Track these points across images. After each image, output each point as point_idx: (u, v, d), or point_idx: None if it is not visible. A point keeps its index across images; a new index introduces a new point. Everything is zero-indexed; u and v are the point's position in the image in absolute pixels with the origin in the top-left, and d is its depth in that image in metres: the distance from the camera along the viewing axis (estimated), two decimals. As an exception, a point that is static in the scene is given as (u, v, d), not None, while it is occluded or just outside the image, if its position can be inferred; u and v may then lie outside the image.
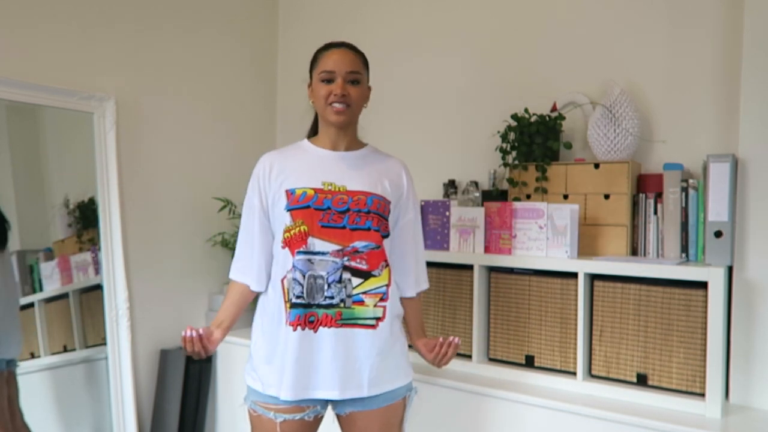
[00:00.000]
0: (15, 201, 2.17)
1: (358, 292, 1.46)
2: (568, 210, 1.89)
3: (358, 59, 1.55)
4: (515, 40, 2.37)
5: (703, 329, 1.68)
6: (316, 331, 1.43)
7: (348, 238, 1.45)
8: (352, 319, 1.45)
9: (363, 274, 1.46)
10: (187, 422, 2.50)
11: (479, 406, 1.90)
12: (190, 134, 2.69)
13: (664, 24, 2.05)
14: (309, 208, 1.45)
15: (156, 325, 2.56)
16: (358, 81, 1.52)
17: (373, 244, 1.47)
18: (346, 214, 1.46)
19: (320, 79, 1.51)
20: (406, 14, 2.67)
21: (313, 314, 1.43)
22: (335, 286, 1.43)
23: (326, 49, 1.55)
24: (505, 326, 2.01)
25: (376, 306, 1.47)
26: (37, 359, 2.18)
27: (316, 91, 1.53)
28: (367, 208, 1.47)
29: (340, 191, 1.48)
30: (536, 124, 2.10)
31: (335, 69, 1.50)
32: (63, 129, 2.30)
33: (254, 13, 2.97)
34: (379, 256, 1.49)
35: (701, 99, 1.99)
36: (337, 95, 1.48)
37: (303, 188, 1.48)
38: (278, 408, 1.46)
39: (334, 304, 1.43)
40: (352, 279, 1.45)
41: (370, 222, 1.47)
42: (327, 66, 1.51)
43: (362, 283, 1.46)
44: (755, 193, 1.75)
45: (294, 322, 1.43)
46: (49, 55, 2.22)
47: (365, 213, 1.47)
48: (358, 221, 1.46)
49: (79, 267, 2.31)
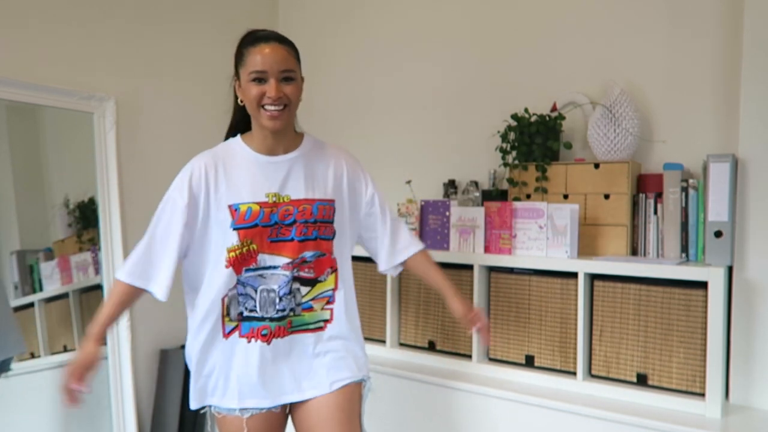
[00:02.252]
0: (15, 201, 2.17)
1: (307, 299, 1.46)
2: (568, 210, 1.89)
3: (291, 54, 1.42)
4: (515, 40, 2.37)
5: (703, 329, 1.68)
6: (269, 343, 1.43)
7: (297, 250, 1.43)
8: (301, 325, 1.46)
9: (310, 282, 1.46)
10: (187, 422, 2.50)
11: (479, 406, 1.90)
12: (190, 134, 2.69)
13: (664, 24, 2.05)
14: (257, 227, 1.40)
15: (156, 325, 2.56)
16: (293, 78, 1.41)
17: (319, 252, 1.46)
18: (294, 226, 1.43)
19: (250, 79, 1.38)
20: (405, 13, 2.67)
21: (266, 327, 1.43)
22: (286, 298, 1.43)
23: (253, 44, 1.39)
24: (505, 326, 2.01)
25: (323, 309, 1.49)
26: (37, 359, 2.18)
27: (246, 92, 1.40)
28: (314, 217, 1.45)
29: (284, 202, 1.43)
30: (536, 124, 2.10)
31: (266, 69, 1.37)
32: (63, 129, 2.30)
33: (254, 13, 2.97)
34: (325, 263, 1.48)
35: (701, 99, 1.99)
36: (271, 97, 1.37)
37: (248, 204, 1.41)
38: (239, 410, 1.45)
39: (285, 316, 1.44)
40: (301, 288, 1.45)
41: (317, 231, 1.45)
42: (256, 65, 1.37)
43: (310, 291, 1.46)
44: (755, 193, 1.75)
45: (248, 335, 1.43)
46: (49, 55, 2.22)
47: (312, 223, 1.44)
48: (305, 232, 1.44)
49: (79, 267, 2.31)
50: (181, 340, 2.65)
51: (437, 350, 2.15)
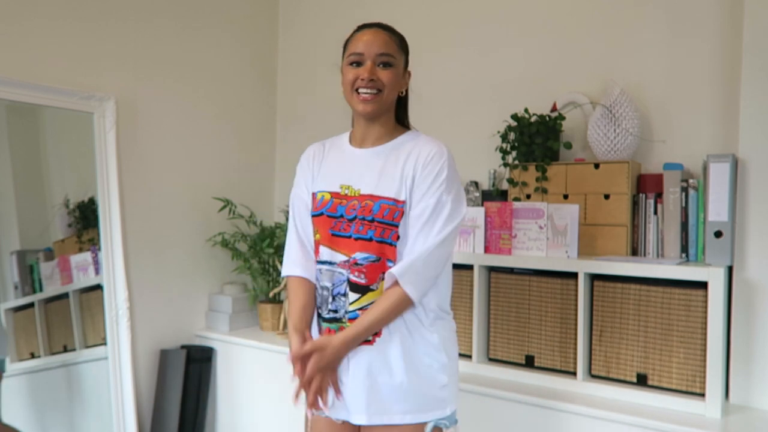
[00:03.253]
0: (15, 201, 2.17)
1: (356, 307, 1.33)
2: (568, 210, 1.89)
3: (393, 40, 1.39)
4: (515, 40, 2.37)
5: (703, 329, 1.68)
6: None
7: (352, 249, 1.33)
8: None
9: (361, 288, 1.33)
10: (187, 422, 2.50)
11: (479, 406, 1.90)
12: (190, 134, 2.69)
13: (665, 24, 2.05)
14: (323, 216, 1.37)
15: (156, 325, 2.56)
16: (390, 64, 1.36)
17: (373, 257, 1.32)
18: (353, 222, 1.34)
19: (348, 62, 1.37)
20: (405, 15, 2.67)
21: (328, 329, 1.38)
22: (340, 299, 1.35)
23: (358, 30, 1.41)
24: (505, 326, 2.01)
25: None
26: (37, 359, 2.18)
27: (343, 76, 1.38)
28: (372, 215, 1.32)
29: (354, 196, 1.36)
30: (536, 124, 2.10)
31: (364, 51, 1.35)
32: (63, 129, 2.30)
33: (254, 13, 2.97)
34: (378, 269, 1.33)
35: (701, 99, 1.99)
36: (364, 79, 1.33)
37: (323, 192, 1.39)
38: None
39: (338, 318, 1.35)
40: (350, 294, 1.34)
41: (372, 232, 1.32)
42: (356, 47, 1.36)
43: (359, 299, 1.33)
44: (755, 193, 1.75)
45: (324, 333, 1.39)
46: (49, 55, 2.22)
47: (369, 221, 1.32)
48: (362, 230, 1.33)
49: (79, 267, 2.31)
50: (181, 340, 2.66)
51: (437, 350, 2.15)
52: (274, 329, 2.64)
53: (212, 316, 2.71)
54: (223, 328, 2.65)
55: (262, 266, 2.68)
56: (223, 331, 2.64)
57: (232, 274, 2.82)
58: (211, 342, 2.63)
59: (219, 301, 2.71)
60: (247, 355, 2.52)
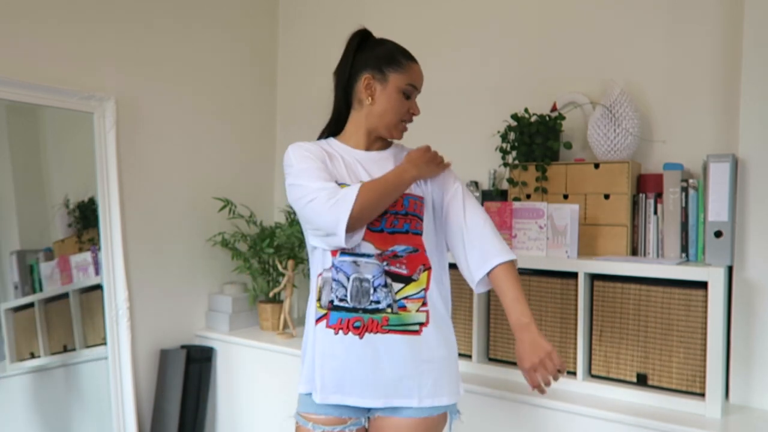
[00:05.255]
0: (15, 201, 2.17)
1: (400, 297, 1.38)
2: (568, 210, 1.89)
3: None
4: (515, 40, 2.37)
5: (703, 329, 1.68)
6: (362, 337, 1.35)
7: (387, 242, 1.38)
8: (399, 325, 1.37)
9: (403, 278, 1.38)
10: (187, 422, 2.50)
11: (479, 406, 1.90)
12: (190, 134, 2.69)
13: (665, 24, 2.06)
14: None
15: (156, 325, 2.56)
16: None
17: (411, 248, 1.40)
18: (384, 217, 1.38)
19: (401, 90, 1.44)
20: (406, 15, 2.67)
21: (359, 319, 1.36)
22: (381, 290, 1.37)
23: (412, 60, 1.48)
24: (505, 326, 2.01)
25: (418, 311, 1.39)
26: (37, 359, 2.18)
27: (392, 100, 1.44)
28: (405, 210, 1.40)
29: None
30: (536, 124, 2.10)
31: (419, 87, 1.47)
32: (63, 129, 2.30)
33: (254, 13, 2.97)
34: (417, 259, 1.40)
35: (701, 99, 1.99)
36: (414, 115, 1.48)
37: (348, 185, 1.38)
38: (318, 419, 1.40)
39: (381, 309, 1.36)
40: (394, 285, 1.38)
41: (408, 225, 1.40)
42: (416, 80, 1.46)
43: (403, 288, 1.38)
44: (755, 193, 1.75)
45: (335, 326, 1.37)
46: (49, 55, 2.22)
47: (402, 215, 1.39)
48: (396, 224, 1.39)
49: (79, 267, 2.31)
50: (181, 340, 2.66)
51: (437, 350, 2.15)
52: (274, 329, 2.64)
53: (212, 316, 2.71)
54: (223, 328, 2.65)
55: (262, 266, 2.68)
56: (223, 331, 2.64)
57: (232, 274, 2.82)
58: (211, 342, 2.63)
59: (219, 301, 2.71)
60: (247, 355, 2.52)
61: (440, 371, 1.40)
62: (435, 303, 1.41)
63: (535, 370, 1.30)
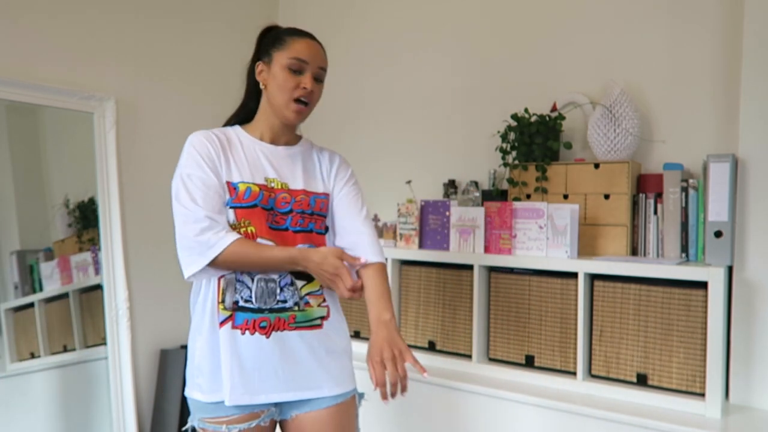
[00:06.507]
0: (15, 201, 2.17)
1: (304, 293, 1.41)
2: (568, 210, 1.89)
3: (326, 56, 1.45)
4: (515, 40, 2.37)
5: (703, 329, 1.68)
6: (269, 336, 1.36)
7: (291, 241, 1.39)
8: (304, 321, 1.40)
9: (306, 276, 1.40)
10: (187, 422, 2.50)
11: (479, 406, 1.90)
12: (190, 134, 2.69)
13: (665, 24, 2.06)
14: (257, 207, 1.36)
15: (156, 325, 2.56)
16: (321, 80, 1.44)
17: (312, 246, 1.40)
18: (289, 215, 1.40)
19: (287, 66, 1.38)
20: (405, 14, 2.67)
21: (264, 319, 1.36)
22: (288, 289, 1.39)
23: (298, 35, 1.42)
24: (505, 326, 2.01)
25: (320, 306, 1.43)
26: (37, 359, 2.18)
27: (278, 78, 1.39)
28: (311, 209, 1.42)
29: (283, 189, 1.41)
30: (536, 124, 2.10)
31: (309, 60, 1.38)
32: (63, 129, 2.30)
33: (254, 13, 2.97)
34: None
35: (701, 99, 1.99)
36: (306, 89, 1.38)
37: (247, 183, 1.37)
38: (230, 420, 1.37)
39: (288, 308, 1.39)
40: (297, 282, 1.40)
41: (313, 224, 1.42)
42: (301, 53, 1.38)
43: (305, 285, 1.41)
44: (755, 193, 1.75)
45: (241, 326, 1.35)
46: (49, 55, 2.22)
47: (308, 215, 1.42)
48: (301, 223, 1.41)
49: (79, 267, 2.31)
50: (181, 340, 2.66)
51: (437, 350, 2.15)
52: (274, 329, 2.64)
53: (212, 316, 2.71)
54: (223, 328, 2.65)
55: (262, 266, 2.68)
56: (223, 331, 2.63)
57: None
58: (211, 342, 2.63)
59: (219, 301, 2.70)
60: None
61: (342, 360, 1.46)
62: (332, 297, 1.47)
63: (384, 365, 1.25)
